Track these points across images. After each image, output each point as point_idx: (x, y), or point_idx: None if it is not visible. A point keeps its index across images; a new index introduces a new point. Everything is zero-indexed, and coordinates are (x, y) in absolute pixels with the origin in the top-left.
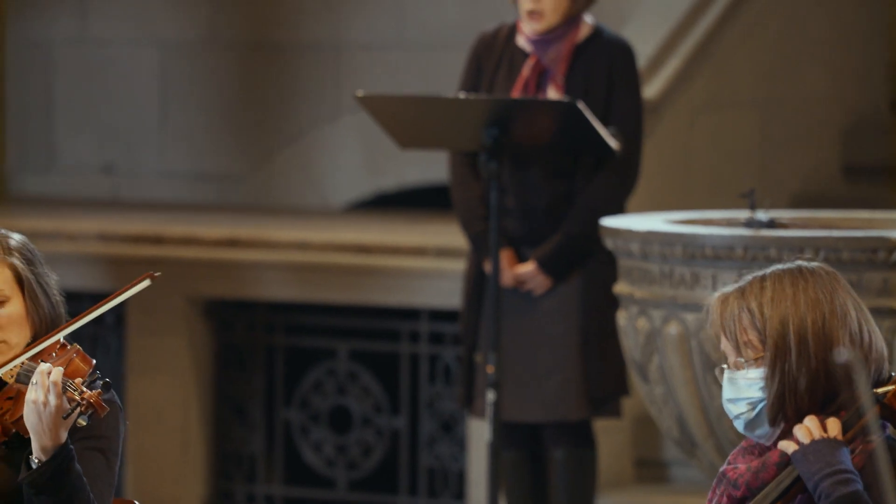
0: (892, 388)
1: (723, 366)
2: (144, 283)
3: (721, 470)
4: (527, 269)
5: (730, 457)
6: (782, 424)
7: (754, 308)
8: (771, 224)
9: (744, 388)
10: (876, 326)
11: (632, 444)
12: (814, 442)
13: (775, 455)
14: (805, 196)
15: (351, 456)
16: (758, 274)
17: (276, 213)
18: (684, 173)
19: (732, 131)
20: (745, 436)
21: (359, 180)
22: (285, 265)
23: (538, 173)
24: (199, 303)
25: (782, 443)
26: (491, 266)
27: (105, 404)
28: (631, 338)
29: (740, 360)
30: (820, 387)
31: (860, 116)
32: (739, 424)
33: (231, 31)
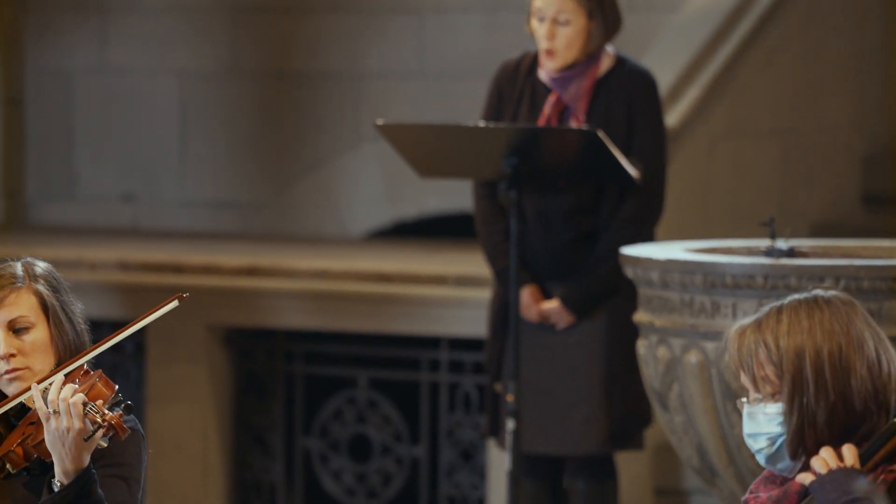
0: None
1: (742, 399)
2: (173, 304)
3: (742, 499)
4: (551, 305)
5: (752, 486)
6: (804, 457)
7: (770, 342)
8: (791, 253)
9: (763, 423)
10: (895, 355)
11: (652, 472)
12: (831, 472)
13: (797, 484)
14: (825, 225)
15: (371, 484)
16: (775, 304)
17: (295, 242)
18: (704, 202)
19: (752, 160)
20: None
21: (378, 209)
22: (305, 294)
23: (562, 208)
24: (218, 331)
25: (801, 475)
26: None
27: (128, 429)
28: (651, 366)
29: (757, 396)
30: (839, 419)
31: (880, 145)
32: (761, 459)
33: (251, 60)
